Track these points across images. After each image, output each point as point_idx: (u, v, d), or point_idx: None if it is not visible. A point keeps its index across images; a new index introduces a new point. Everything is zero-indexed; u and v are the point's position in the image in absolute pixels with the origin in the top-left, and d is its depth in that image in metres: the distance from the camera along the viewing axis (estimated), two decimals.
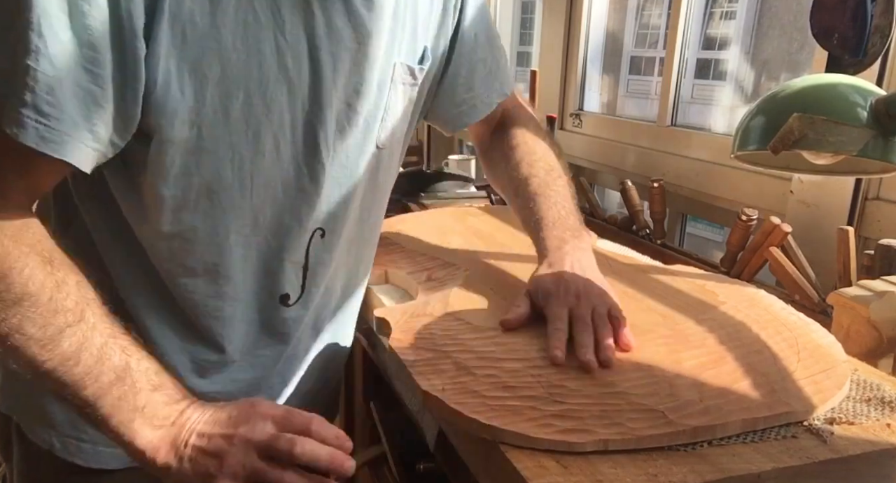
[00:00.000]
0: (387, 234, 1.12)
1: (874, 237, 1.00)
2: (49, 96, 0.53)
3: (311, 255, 0.74)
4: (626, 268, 0.97)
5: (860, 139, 0.64)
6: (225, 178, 0.65)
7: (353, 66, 0.68)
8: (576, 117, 1.85)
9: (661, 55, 1.84)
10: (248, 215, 0.69)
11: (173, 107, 0.59)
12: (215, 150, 0.64)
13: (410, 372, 0.66)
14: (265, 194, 0.68)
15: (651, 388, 0.63)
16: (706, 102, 6.47)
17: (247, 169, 0.66)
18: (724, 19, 7.06)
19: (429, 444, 0.78)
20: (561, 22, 1.86)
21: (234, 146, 0.64)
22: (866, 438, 0.60)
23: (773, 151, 0.66)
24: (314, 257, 0.75)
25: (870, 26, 0.92)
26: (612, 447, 0.56)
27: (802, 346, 0.72)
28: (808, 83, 0.70)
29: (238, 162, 0.65)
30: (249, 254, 0.71)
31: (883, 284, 0.81)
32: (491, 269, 0.95)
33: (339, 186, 0.73)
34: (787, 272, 0.97)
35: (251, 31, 0.61)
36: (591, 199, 1.46)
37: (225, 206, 0.67)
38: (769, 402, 0.62)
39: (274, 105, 0.65)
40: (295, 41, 0.63)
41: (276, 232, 0.71)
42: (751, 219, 1.06)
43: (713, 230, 3.39)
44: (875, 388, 0.69)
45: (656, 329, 0.76)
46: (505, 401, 0.61)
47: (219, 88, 0.61)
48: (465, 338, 0.72)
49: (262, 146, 0.66)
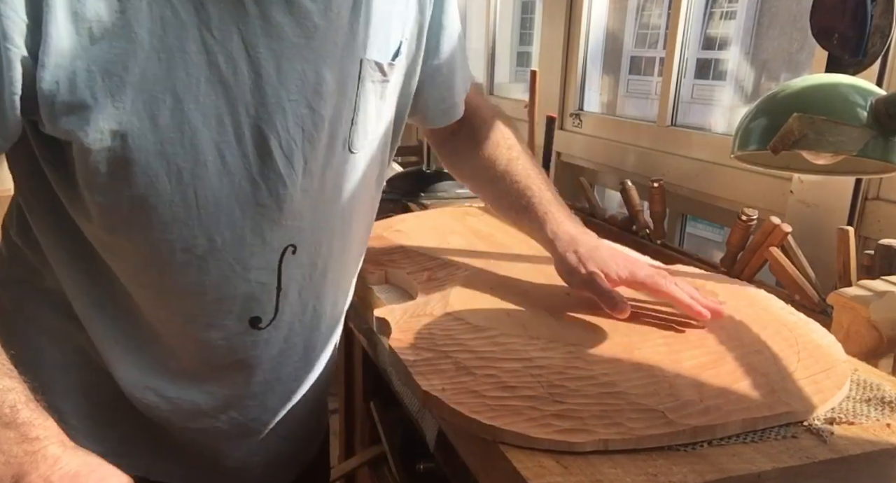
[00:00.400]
0: (387, 234, 1.12)
1: (874, 237, 1.00)
2: None
3: (284, 275, 0.68)
4: None
5: (860, 139, 0.64)
6: (162, 192, 0.60)
7: (304, 63, 0.62)
8: (576, 117, 1.85)
9: (661, 55, 1.84)
10: (198, 234, 0.63)
11: (87, 112, 0.55)
12: (146, 160, 0.58)
13: (410, 372, 0.66)
14: (216, 211, 0.62)
15: (651, 388, 0.63)
16: (706, 102, 6.46)
17: (187, 181, 0.60)
18: (724, 19, 7.05)
19: (429, 444, 0.78)
20: (561, 22, 1.86)
21: (167, 157, 0.59)
22: (866, 438, 0.60)
23: (773, 151, 0.66)
24: (287, 276, 0.69)
25: (870, 26, 0.92)
26: (612, 447, 0.56)
27: (802, 346, 0.72)
28: (808, 83, 0.70)
29: (175, 174, 0.60)
30: (207, 276, 0.65)
31: (883, 284, 0.81)
32: (491, 269, 0.95)
33: (308, 198, 0.67)
34: (787, 272, 0.97)
35: (171, 29, 0.55)
36: (591, 199, 1.46)
37: (166, 222, 0.61)
38: (769, 402, 0.62)
39: (210, 110, 0.59)
40: (225, 38, 0.57)
41: (239, 252, 0.65)
42: (751, 219, 1.06)
43: (713, 230, 3.39)
44: (875, 388, 0.69)
45: (656, 329, 0.76)
46: (505, 401, 0.61)
47: (140, 93, 0.56)
48: (465, 338, 0.72)
49: (203, 157, 0.60)
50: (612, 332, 0.75)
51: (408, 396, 0.85)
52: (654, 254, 1.10)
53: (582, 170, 1.84)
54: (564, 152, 1.87)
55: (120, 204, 0.60)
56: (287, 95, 0.62)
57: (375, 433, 1.13)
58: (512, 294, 0.86)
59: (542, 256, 1.02)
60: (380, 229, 1.15)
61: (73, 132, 0.55)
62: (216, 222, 0.63)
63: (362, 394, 1.22)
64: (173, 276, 0.65)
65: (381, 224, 1.20)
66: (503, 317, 0.79)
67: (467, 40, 3.01)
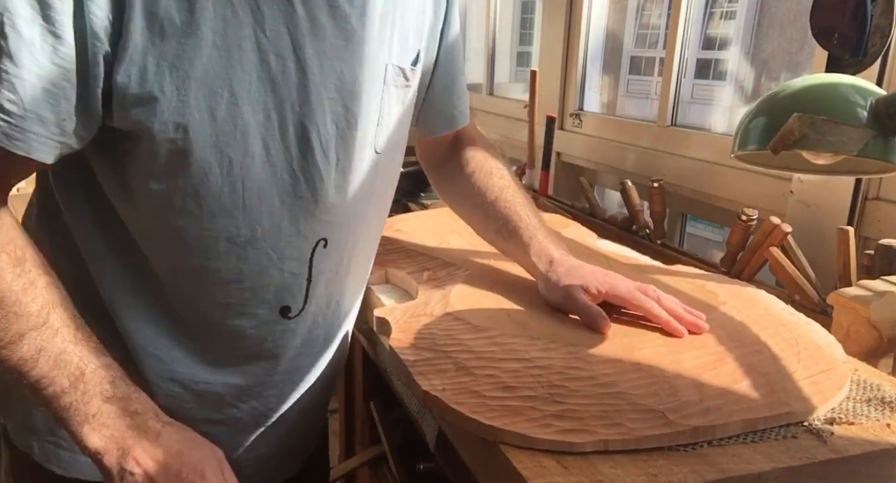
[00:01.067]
0: (387, 234, 1.12)
1: (874, 237, 1.00)
2: (11, 94, 0.53)
3: (315, 267, 0.72)
4: (626, 268, 0.97)
5: (860, 139, 0.64)
6: (213, 182, 0.63)
7: (342, 64, 0.66)
8: (576, 117, 1.85)
9: (661, 55, 1.84)
10: (242, 224, 0.66)
11: (155, 105, 0.58)
12: (202, 151, 0.62)
13: (410, 372, 0.66)
14: (259, 202, 0.66)
15: (651, 388, 0.63)
16: (706, 102, 6.47)
17: (237, 173, 0.64)
18: (724, 19, 7.05)
19: (429, 444, 0.78)
20: (561, 22, 1.86)
21: (221, 148, 0.62)
22: (866, 438, 0.60)
23: (773, 151, 0.66)
24: (317, 269, 0.72)
25: (870, 26, 0.92)
26: (612, 447, 0.56)
27: (802, 347, 0.72)
28: (808, 83, 0.70)
29: (227, 165, 0.63)
30: (245, 264, 0.68)
31: (883, 284, 0.81)
32: (491, 269, 0.95)
33: (340, 194, 0.70)
34: (787, 272, 0.97)
35: (231, 28, 0.59)
36: (591, 199, 1.46)
37: (214, 211, 0.65)
38: (769, 403, 0.62)
39: (259, 105, 0.63)
40: (276, 38, 0.61)
41: (276, 243, 0.68)
42: (751, 219, 1.06)
43: (713, 230, 3.39)
44: (875, 388, 0.69)
45: (656, 329, 0.76)
46: (505, 401, 0.61)
47: (202, 88, 0.59)
48: (465, 338, 0.72)
49: (252, 149, 0.63)
50: (613, 332, 0.75)
51: (408, 396, 0.85)
52: (654, 254, 1.10)
53: (582, 170, 1.84)
54: (564, 152, 1.87)
55: (174, 193, 0.63)
56: (326, 93, 0.65)
57: (375, 433, 1.13)
58: (512, 294, 0.86)
59: None
60: None
61: (141, 123, 0.59)
62: (258, 212, 0.66)
63: (362, 394, 1.22)
64: (215, 263, 0.67)
65: None
66: (503, 317, 0.79)
67: (467, 40, 3.02)
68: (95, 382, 0.59)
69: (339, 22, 0.64)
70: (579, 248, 1.08)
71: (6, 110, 0.53)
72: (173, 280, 0.69)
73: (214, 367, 0.73)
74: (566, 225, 1.22)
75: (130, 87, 0.57)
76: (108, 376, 0.59)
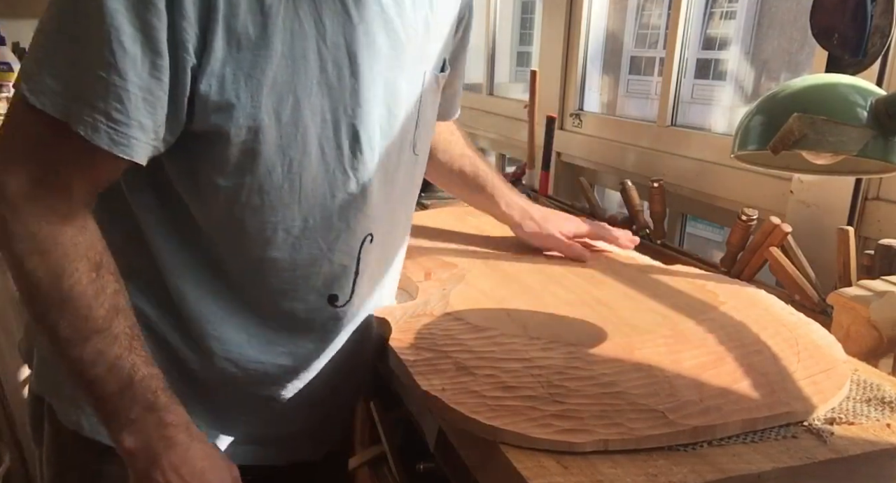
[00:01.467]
0: None
1: (874, 237, 1.00)
2: (118, 104, 0.60)
3: (362, 261, 0.77)
4: (626, 268, 0.97)
5: (860, 139, 0.64)
6: (276, 179, 0.68)
7: (389, 72, 0.71)
8: (576, 117, 1.85)
9: (661, 55, 1.85)
10: (297, 216, 0.71)
11: (232, 111, 0.63)
12: (268, 152, 0.67)
13: (410, 372, 0.66)
14: (313, 197, 0.71)
15: (651, 388, 0.63)
16: (706, 102, 6.47)
17: (295, 170, 0.69)
18: (724, 19, 7.06)
19: (429, 444, 0.78)
20: (561, 22, 1.86)
21: (284, 149, 0.67)
22: (866, 438, 0.60)
23: (773, 151, 0.66)
24: (364, 262, 0.77)
25: (870, 26, 0.92)
26: (612, 447, 0.56)
27: (802, 347, 0.72)
28: (808, 83, 0.70)
29: (287, 164, 0.68)
30: (299, 253, 0.73)
31: (883, 284, 0.81)
32: (491, 269, 0.95)
33: (384, 192, 0.76)
34: (787, 272, 0.97)
35: (297, 39, 0.64)
36: (591, 199, 1.45)
37: (274, 205, 0.70)
38: (769, 403, 0.62)
39: (317, 109, 0.68)
40: (335, 47, 0.67)
41: (326, 235, 0.73)
42: (751, 219, 1.06)
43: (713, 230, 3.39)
44: (875, 388, 0.69)
45: (656, 329, 0.76)
46: (505, 401, 0.61)
47: (272, 94, 0.64)
48: (465, 338, 0.72)
49: (309, 148, 0.69)
50: (613, 332, 0.75)
51: (408, 396, 0.85)
52: (654, 254, 1.10)
53: (582, 170, 1.84)
54: (564, 152, 1.86)
55: (241, 189, 0.69)
56: (374, 99, 0.71)
57: (375, 433, 1.12)
58: (512, 294, 0.86)
59: (542, 256, 1.02)
60: None
61: (218, 127, 0.64)
62: (311, 206, 0.72)
63: (362, 394, 1.22)
64: (272, 252, 0.72)
65: None
66: (503, 317, 0.79)
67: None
68: (141, 391, 0.64)
69: (391, 35, 0.70)
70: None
71: (114, 119, 0.60)
72: (234, 267, 0.74)
73: (267, 347, 0.77)
74: None
75: (211, 95, 0.62)
76: (152, 387, 0.65)
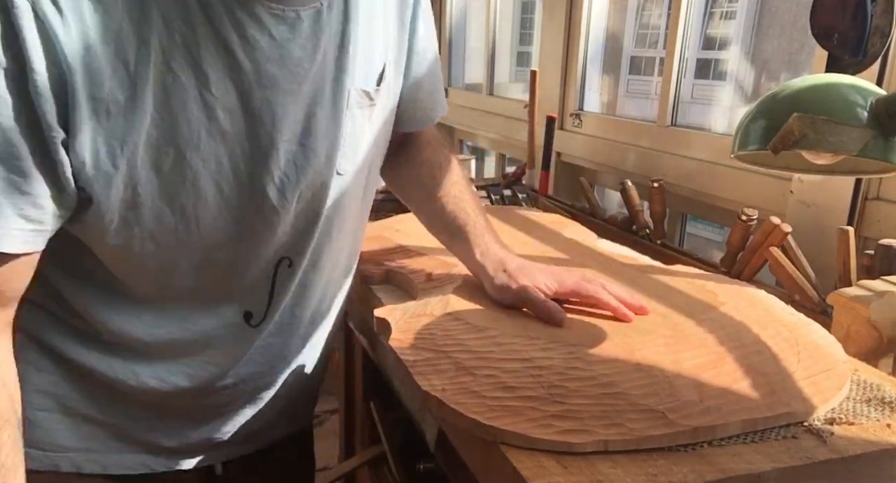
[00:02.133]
0: (387, 234, 1.12)
1: (874, 237, 1.00)
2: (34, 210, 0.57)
3: (278, 284, 0.74)
4: (626, 268, 0.97)
5: (860, 139, 0.64)
6: (167, 224, 0.65)
7: (296, 106, 0.67)
8: (576, 117, 1.85)
9: (661, 55, 1.85)
10: (197, 252, 0.69)
11: (108, 177, 0.60)
12: (152, 202, 0.64)
13: (410, 372, 0.66)
14: (215, 231, 0.68)
15: (651, 388, 0.63)
16: (706, 102, 6.47)
17: (190, 213, 0.66)
18: (724, 19, 7.06)
19: (429, 444, 0.78)
20: (561, 22, 1.86)
21: (171, 196, 0.64)
22: (866, 438, 0.60)
23: (773, 151, 0.66)
24: (281, 286, 0.75)
25: (870, 26, 0.92)
26: (612, 448, 0.56)
27: (802, 347, 0.72)
28: (808, 83, 0.70)
29: (179, 209, 0.65)
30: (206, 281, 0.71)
31: (883, 284, 0.81)
32: None
33: (300, 219, 0.72)
34: (787, 272, 0.97)
35: (173, 92, 0.60)
36: (591, 199, 1.46)
37: (171, 245, 0.67)
38: (769, 403, 0.62)
39: (209, 155, 0.64)
40: (223, 94, 0.62)
41: (233, 263, 0.71)
42: (751, 219, 1.06)
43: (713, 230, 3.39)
44: (875, 388, 0.69)
45: (656, 329, 0.76)
46: (505, 401, 0.61)
47: (148, 151, 0.61)
48: (465, 338, 0.72)
49: (204, 193, 0.65)
50: (612, 332, 0.75)
51: (408, 396, 0.85)
52: (654, 254, 1.10)
53: (582, 170, 1.84)
54: (564, 152, 1.87)
55: (131, 240, 0.65)
56: (280, 137, 0.66)
57: (375, 433, 1.12)
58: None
59: (542, 256, 1.02)
60: (380, 229, 1.15)
61: (98, 193, 0.60)
62: (214, 242, 0.69)
63: (362, 394, 1.22)
64: (178, 281, 0.71)
65: (381, 224, 1.20)
66: (503, 317, 0.79)
67: (466, 40, 3.01)
68: None
69: (292, 68, 0.65)
70: (579, 248, 1.08)
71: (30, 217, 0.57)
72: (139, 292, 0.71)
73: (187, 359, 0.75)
74: (566, 225, 1.22)
75: (86, 167, 0.59)
76: None
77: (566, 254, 1.04)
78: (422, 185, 0.91)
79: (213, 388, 0.78)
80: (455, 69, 2.85)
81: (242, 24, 0.61)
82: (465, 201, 0.89)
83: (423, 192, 0.91)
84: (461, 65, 2.87)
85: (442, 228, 0.90)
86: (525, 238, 1.13)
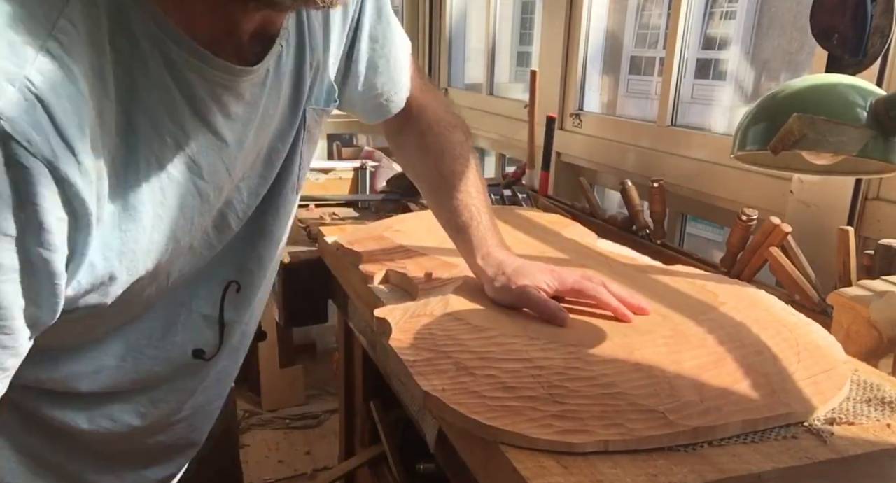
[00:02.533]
0: (387, 234, 1.12)
1: (874, 237, 1.01)
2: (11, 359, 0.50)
3: (227, 310, 0.71)
4: (626, 268, 0.97)
5: (860, 139, 0.64)
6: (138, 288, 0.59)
7: (258, 148, 0.65)
8: (576, 117, 1.86)
9: (661, 55, 1.85)
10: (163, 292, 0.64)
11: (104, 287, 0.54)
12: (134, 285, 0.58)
13: (410, 372, 0.66)
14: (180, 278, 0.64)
15: (651, 388, 0.63)
16: (706, 102, 6.47)
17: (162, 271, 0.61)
18: (724, 19, 7.06)
19: (429, 444, 0.78)
20: (561, 22, 1.86)
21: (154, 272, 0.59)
22: (866, 438, 0.60)
23: (773, 151, 0.66)
24: (230, 311, 0.71)
25: (870, 26, 0.92)
26: (612, 448, 0.56)
27: (803, 347, 0.72)
28: (808, 83, 0.70)
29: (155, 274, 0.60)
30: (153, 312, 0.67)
31: (883, 284, 0.81)
32: None
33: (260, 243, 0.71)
34: (787, 272, 0.97)
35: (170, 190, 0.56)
36: (591, 199, 1.46)
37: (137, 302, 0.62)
38: (769, 403, 0.62)
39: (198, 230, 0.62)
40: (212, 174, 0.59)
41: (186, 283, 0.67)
42: (751, 219, 1.06)
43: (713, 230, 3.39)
44: (875, 388, 0.69)
45: (656, 329, 0.76)
46: (505, 401, 0.61)
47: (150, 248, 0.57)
48: (465, 338, 0.72)
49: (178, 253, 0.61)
50: (612, 332, 0.75)
51: (408, 396, 0.85)
52: (654, 254, 1.10)
53: (582, 170, 1.84)
54: (564, 152, 1.87)
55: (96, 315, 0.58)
56: (243, 176, 0.65)
57: (375, 433, 1.13)
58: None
59: (542, 256, 1.02)
60: (380, 229, 1.15)
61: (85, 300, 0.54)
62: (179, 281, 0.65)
63: (362, 394, 1.22)
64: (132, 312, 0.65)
65: (381, 224, 1.20)
66: (503, 317, 0.79)
67: (467, 40, 3.00)
68: None
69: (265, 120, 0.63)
70: (579, 248, 1.08)
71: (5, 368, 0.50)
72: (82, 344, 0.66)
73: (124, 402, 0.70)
74: (566, 225, 1.22)
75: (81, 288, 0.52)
76: None
77: (566, 254, 1.04)
78: (423, 178, 0.89)
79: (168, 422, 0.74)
80: (455, 69, 2.85)
81: (226, 104, 0.58)
82: (471, 196, 0.86)
83: (425, 184, 0.89)
84: (461, 65, 2.87)
85: (445, 223, 0.89)
86: (525, 238, 1.13)
